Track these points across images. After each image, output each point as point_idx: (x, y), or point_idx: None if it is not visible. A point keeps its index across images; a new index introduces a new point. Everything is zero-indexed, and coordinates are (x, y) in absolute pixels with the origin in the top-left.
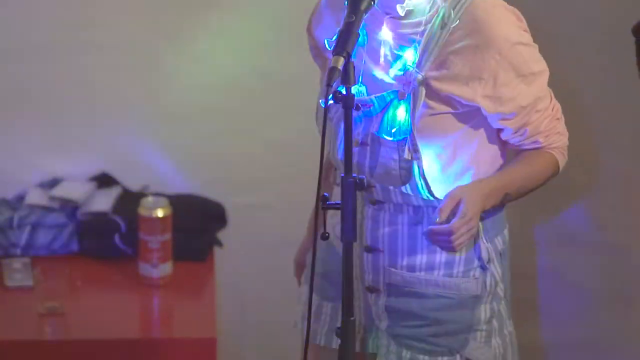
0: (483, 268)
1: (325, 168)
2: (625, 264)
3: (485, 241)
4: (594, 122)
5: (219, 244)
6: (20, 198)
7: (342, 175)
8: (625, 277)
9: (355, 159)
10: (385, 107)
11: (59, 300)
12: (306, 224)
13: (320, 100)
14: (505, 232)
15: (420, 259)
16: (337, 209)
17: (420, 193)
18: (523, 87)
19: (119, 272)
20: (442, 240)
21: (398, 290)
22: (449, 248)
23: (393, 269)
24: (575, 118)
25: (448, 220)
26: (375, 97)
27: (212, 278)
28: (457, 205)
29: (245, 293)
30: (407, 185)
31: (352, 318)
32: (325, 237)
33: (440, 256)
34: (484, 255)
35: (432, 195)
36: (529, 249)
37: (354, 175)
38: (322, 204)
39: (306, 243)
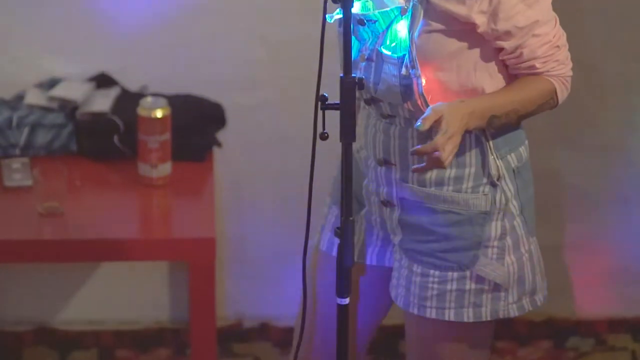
0: (493, 185)
1: None
2: (624, 164)
3: (496, 157)
4: (593, 25)
5: (218, 144)
6: (19, 98)
7: (342, 75)
8: (625, 178)
9: (361, 74)
10: (389, 24)
11: (58, 200)
12: (305, 124)
13: (328, 15)
14: (522, 149)
15: (430, 174)
16: (336, 109)
17: (422, 111)
18: (522, 7)
19: (117, 173)
20: (430, 158)
21: (410, 205)
22: (438, 164)
23: (405, 183)
24: (576, 22)
25: (430, 137)
26: (380, 13)
27: (211, 178)
28: (439, 122)
29: (245, 193)
30: (409, 102)
31: (351, 218)
32: (324, 137)
33: (450, 172)
34: (494, 172)
35: None
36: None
37: (353, 75)
38: (321, 104)
39: None
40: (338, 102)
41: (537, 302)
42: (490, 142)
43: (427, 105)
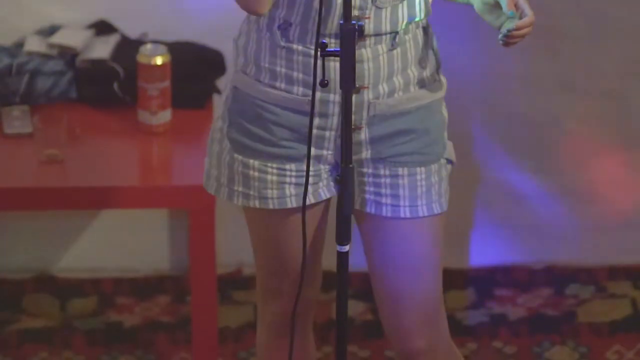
0: (439, 67)
1: None
2: (624, 111)
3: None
4: None
5: (218, 91)
6: (19, 45)
7: (342, 22)
8: (625, 124)
9: None
10: None
11: (58, 147)
12: None
13: None
14: None
15: (397, 80)
16: (337, 55)
17: (417, 9)
18: None
19: (117, 120)
20: (520, 35)
21: (381, 118)
22: (515, 42)
23: (377, 100)
24: None
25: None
26: None
27: (210, 125)
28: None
29: None
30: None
31: (351, 165)
32: (324, 84)
33: (411, 71)
34: (439, 56)
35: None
36: (527, 96)
37: (353, 22)
38: (321, 51)
39: None
40: (338, 49)
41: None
42: (432, 32)
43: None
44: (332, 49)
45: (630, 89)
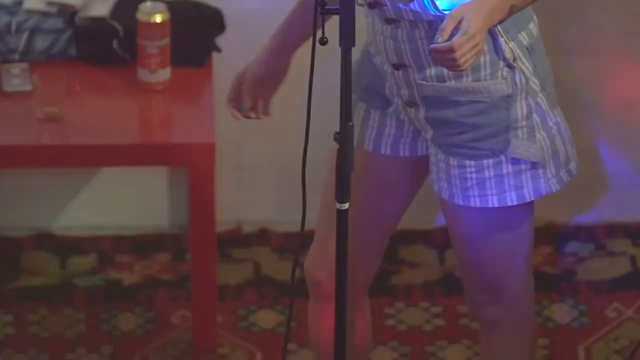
0: (510, 67)
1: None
2: (624, 70)
3: (507, 40)
4: None
5: (217, 49)
6: (18, 3)
7: None
8: (625, 84)
9: None
10: None
11: (58, 105)
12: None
13: None
14: (531, 25)
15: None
16: (336, 13)
17: (428, 9)
18: None
19: (117, 78)
20: (446, 59)
21: (433, 101)
22: (454, 67)
23: (424, 82)
24: None
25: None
26: None
27: (210, 84)
28: (459, 23)
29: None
30: (415, 2)
31: (350, 124)
32: (323, 42)
33: None
34: (508, 55)
35: (439, 10)
36: None
37: None
38: (321, 8)
39: (266, 56)
40: (337, 6)
41: (572, 171)
42: (499, 26)
43: (433, 3)
44: (332, 7)
45: (629, 48)
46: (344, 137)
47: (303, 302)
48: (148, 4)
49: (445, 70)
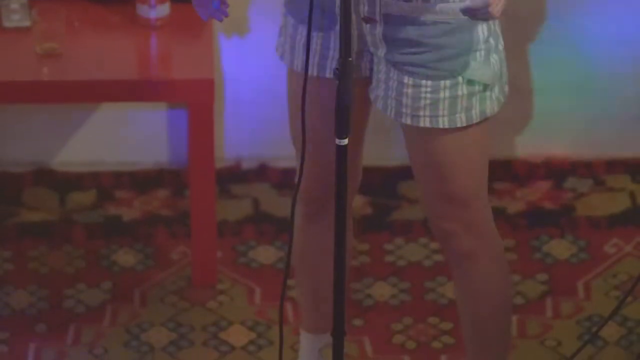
0: None
1: None
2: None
3: None
4: None
5: None
6: None
7: None
8: (624, 17)
9: None
10: None
11: (57, 41)
12: None
13: None
14: None
15: None
16: None
17: None
18: None
19: (116, 14)
20: (482, 13)
21: (395, 19)
22: (489, 17)
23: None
24: None
25: None
26: None
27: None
28: None
29: (243, 34)
30: None
31: (350, 59)
32: None
33: None
34: None
35: None
36: None
37: None
38: None
39: None
40: None
41: (505, 91)
42: None
43: None
44: None
45: None
46: (343, 72)
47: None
48: None
49: None
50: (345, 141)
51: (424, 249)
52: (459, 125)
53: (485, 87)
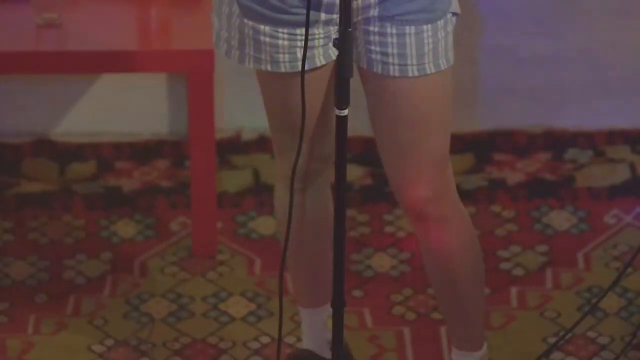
0: None
1: None
2: None
3: None
4: None
5: None
6: None
7: None
8: None
9: None
10: None
11: (57, 11)
12: None
13: None
14: None
15: None
16: None
17: None
18: None
19: None
20: None
21: None
22: None
23: None
24: None
25: None
26: None
27: None
28: None
29: None
30: None
31: (349, 29)
32: None
33: None
34: None
35: None
36: None
37: None
38: None
39: None
40: None
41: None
42: None
43: None
44: None
45: None
46: (343, 43)
47: None
48: None
49: None
50: (346, 112)
51: None
52: (452, 62)
53: (455, 17)
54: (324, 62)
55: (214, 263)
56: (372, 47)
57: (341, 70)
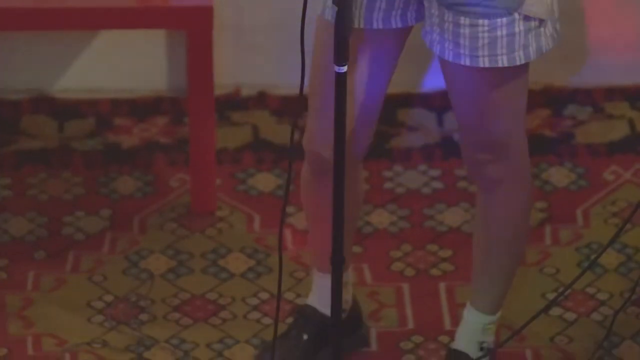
0: None
1: None
2: None
3: None
4: None
5: None
6: None
7: None
8: None
9: None
10: None
11: None
12: None
13: None
14: None
15: None
16: None
17: None
18: None
19: None
20: None
21: None
22: None
23: None
24: None
25: None
26: None
27: None
28: None
29: None
30: None
31: None
32: None
33: None
34: None
35: None
36: None
37: None
38: None
39: None
40: None
41: (557, 28)
42: None
43: None
44: None
45: None
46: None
47: (301, 165)
48: None
49: None
50: (344, 68)
51: (423, 176)
52: (517, 63)
53: (541, 22)
54: (400, 25)
55: (213, 220)
56: (433, 29)
57: (340, 26)
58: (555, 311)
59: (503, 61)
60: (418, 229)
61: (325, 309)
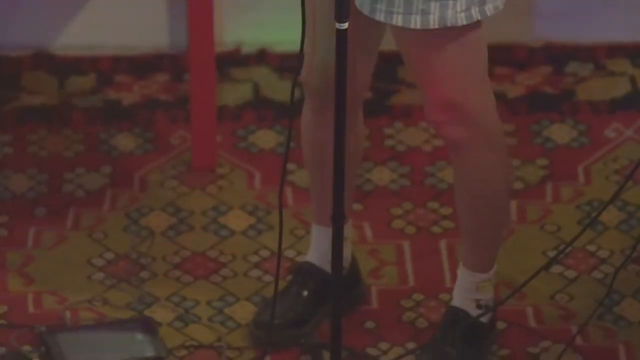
0: None
1: None
2: None
3: None
4: None
5: None
6: None
7: None
8: None
9: None
10: None
11: None
12: None
13: None
14: None
15: None
16: None
17: None
18: None
19: None
20: None
21: None
22: None
23: None
24: None
25: None
26: None
27: None
28: None
29: None
30: None
31: None
32: None
33: None
34: None
35: None
36: None
37: None
38: None
39: None
40: None
41: (486, 12)
42: None
43: None
44: None
45: None
46: None
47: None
48: None
49: None
50: (345, 25)
51: (424, 133)
52: (412, 26)
53: None
54: None
55: (213, 177)
56: None
57: None
58: (556, 269)
59: (398, 20)
60: (419, 187)
61: (325, 265)
